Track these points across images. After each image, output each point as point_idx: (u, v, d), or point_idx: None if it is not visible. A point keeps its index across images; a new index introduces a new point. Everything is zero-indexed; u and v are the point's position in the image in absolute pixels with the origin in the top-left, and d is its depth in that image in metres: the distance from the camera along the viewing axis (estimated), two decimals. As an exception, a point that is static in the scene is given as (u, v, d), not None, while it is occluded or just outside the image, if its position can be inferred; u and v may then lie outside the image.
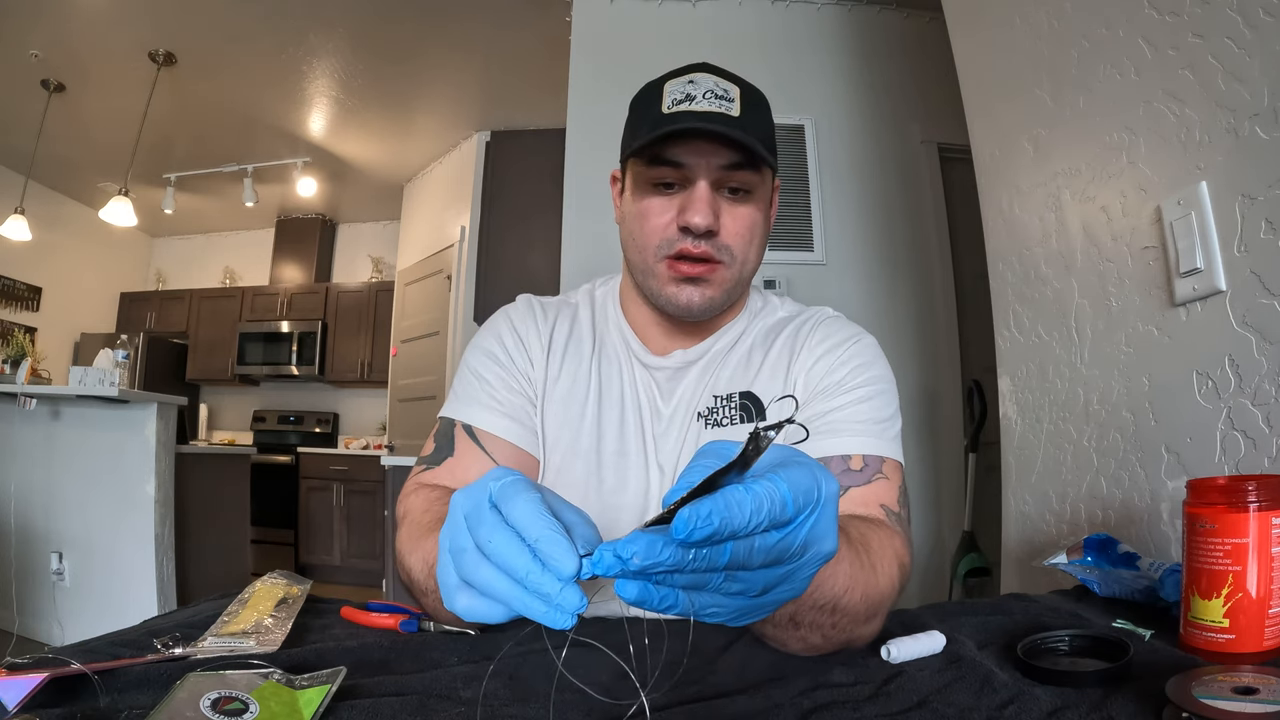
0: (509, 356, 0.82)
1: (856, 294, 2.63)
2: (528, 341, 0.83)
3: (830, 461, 0.70)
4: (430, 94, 3.91)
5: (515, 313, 0.86)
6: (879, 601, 0.56)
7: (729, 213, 0.72)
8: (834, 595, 0.51)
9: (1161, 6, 1.00)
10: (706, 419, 0.78)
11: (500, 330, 0.84)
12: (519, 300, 0.89)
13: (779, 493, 0.32)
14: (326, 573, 4.95)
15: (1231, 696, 0.42)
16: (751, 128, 0.70)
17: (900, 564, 0.61)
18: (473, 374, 0.82)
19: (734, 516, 0.31)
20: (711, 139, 0.69)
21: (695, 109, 0.69)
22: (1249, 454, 0.88)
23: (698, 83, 0.71)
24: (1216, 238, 0.92)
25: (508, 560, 0.34)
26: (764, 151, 0.69)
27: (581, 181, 2.66)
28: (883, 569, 0.57)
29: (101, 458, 2.89)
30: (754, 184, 0.73)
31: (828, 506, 0.36)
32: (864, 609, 0.55)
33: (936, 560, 2.53)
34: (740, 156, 0.70)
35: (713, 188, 0.71)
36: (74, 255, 5.31)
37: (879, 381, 0.76)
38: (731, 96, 0.71)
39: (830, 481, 0.36)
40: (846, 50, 2.81)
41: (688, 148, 0.70)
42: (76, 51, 3.45)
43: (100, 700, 0.45)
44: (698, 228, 0.70)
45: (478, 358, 0.83)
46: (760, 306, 0.86)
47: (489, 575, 0.35)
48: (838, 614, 0.53)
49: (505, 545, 0.34)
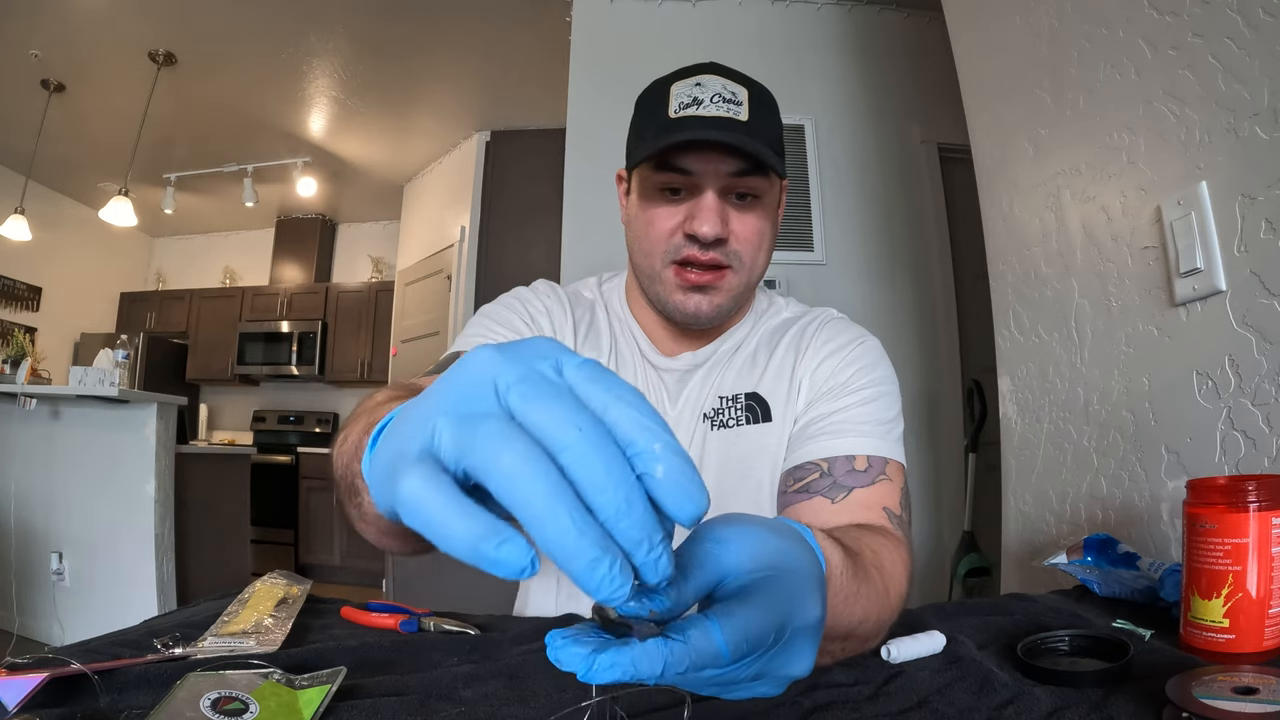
0: (531, 318, 0.80)
1: (856, 294, 2.62)
2: (555, 318, 0.82)
3: (835, 462, 0.70)
4: (430, 94, 3.91)
5: (541, 289, 0.85)
6: (890, 621, 0.57)
7: (737, 219, 0.72)
8: (849, 627, 0.50)
9: (1161, 6, 1.00)
10: (713, 420, 0.78)
11: (525, 296, 0.83)
12: (539, 282, 0.87)
13: (710, 645, 0.29)
14: (326, 573, 4.94)
15: (1231, 696, 0.42)
16: (760, 132, 0.69)
17: (908, 575, 0.61)
18: (487, 317, 0.80)
19: (641, 671, 0.27)
20: (720, 149, 0.68)
21: (703, 114, 0.68)
22: (1249, 454, 0.88)
23: (705, 85, 0.70)
24: (1216, 238, 0.92)
25: (594, 473, 0.22)
26: (773, 157, 0.69)
27: (581, 181, 2.66)
28: (895, 588, 0.56)
29: (101, 458, 2.89)
30: (763, 189, 0.72)
31: (796, 639, 0.32)
32: (875, 631, 0.55)
33: (936, 560, 2.53)
34: (749, 164, 0.69)
35: (720, 194, 0.70)
36: (74, 255, 5.31)
37: (883, 383, 0.76)
38: (740, 100, 0.69)
39: (809, 610, 0.33)
40: (846, 50, 2.81)
41: (696, 155, 0.69)
42: (76, 51, 3.44)
43: (100, 700, 0.45)
44: (706, 237, 0.70)
45: (496, 309, 0.81)
46: (765, 307, 0.86)
47: (525, 472, 0.22)
48: (850, 640, 0.52)
49: (598, 446, 0.23)
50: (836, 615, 0.47)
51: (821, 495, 0.69)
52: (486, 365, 0.25)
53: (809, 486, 0.70)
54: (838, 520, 0.66)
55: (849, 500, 0.68)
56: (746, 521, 0.36)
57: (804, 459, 0.72)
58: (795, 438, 0.75)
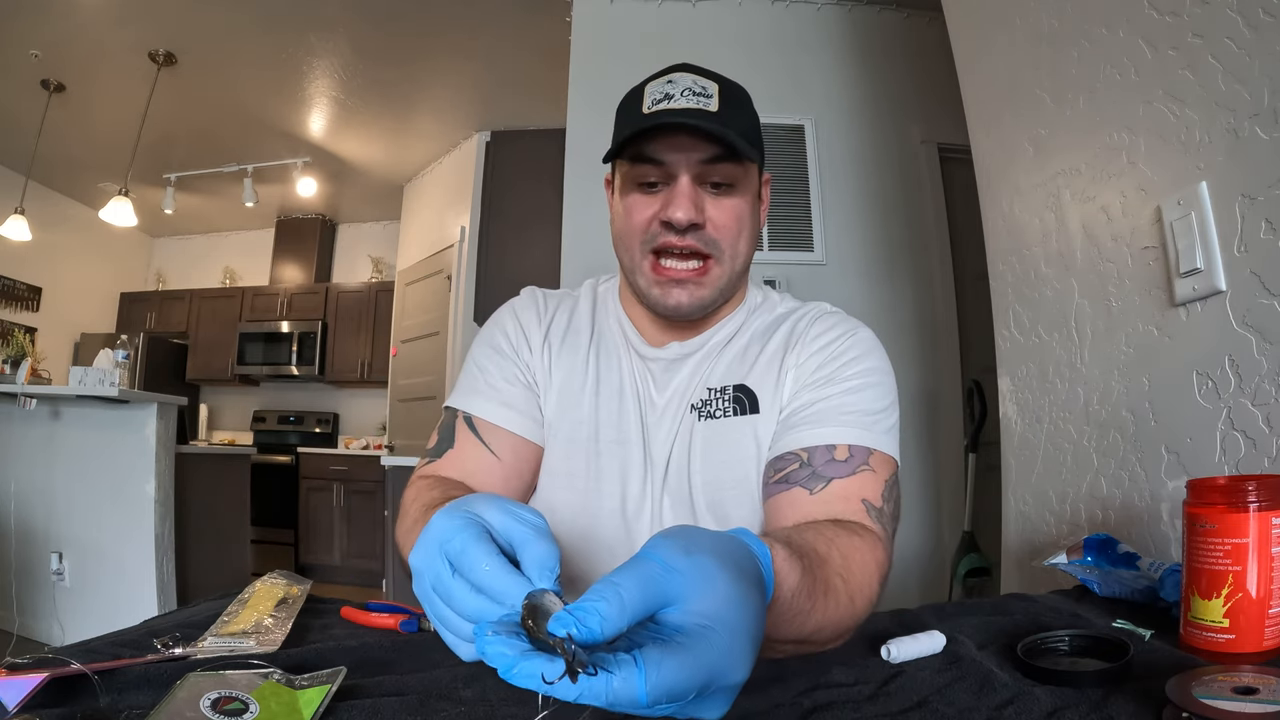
0: (511, 347, 0.83)
1: (856, 294, 2.62)
2: (529, 330, 0.84)
3: (815, 452, 0.70)
4: (430, 94, 3.91)
5: (519, 304, 0.88)
6: (853, 625, 0.57)
7: (713, 205, 0.73)
8: (801, 635, 0.51)
9: (1161, 7, 1.00)
10: (700, 411, 0.78)
11: (504, 321, 0.86)
12: (523, 291, 0.90)
13: (630, 691, 0.32)
14: (326, 573, 4.94)
15: (1231, 696, 0.42)
16: (731, 122, 0.70)
17: (881, 576, 0.61)
18: (476, 365, 0.83)
19: (556, 691, 0.32)
20: (690, 133, 0.69)
21: (673, 107, 0.70)
22: (1249, 454, 0.88)
23: (676, 82, 0.72)
24: (1216, 238, 0.92)
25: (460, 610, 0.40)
26: (743, 144, 0.69)
27: (581, 181, 2.66)
28: (862, 595, 0.57)
29: (101, 458, 2.89)
30: (737, 177, 0.73)
31: (715, 695, 0.35)
32: (834, 636, 0.56)
33: (936, 560, 2.53)
34: (719, 149, 0.70)
35: (695, 182, 0.72)
36: (74, 255, 5.31)
37: (873, 374, 0.75)
38: (710, 93, 0.71)
39: (736, 673, 0.35)
40: (846, 50, 2.81)
41: (666, 144, 0.70)
42: (76, 51, 3.44)
43: (100, 700, 0.45)
44: (680, 222, 0.71)
45: (482, 349, 0.84)
46: (760, 302, 0.86)
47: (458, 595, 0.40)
48: (806, 644, 0.54)
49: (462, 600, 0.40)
50: (785, 630, 0.49)
51: (800, 485, 0.68)
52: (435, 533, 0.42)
53: (788, 477, 0.70)
54: (815, 511, 0.66)
55: (827, 491, 0.67)
56: (701, 550, 0.38)
57: (785, 448, 0.72)
58: (780, 427, 0.75)
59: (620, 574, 0.35)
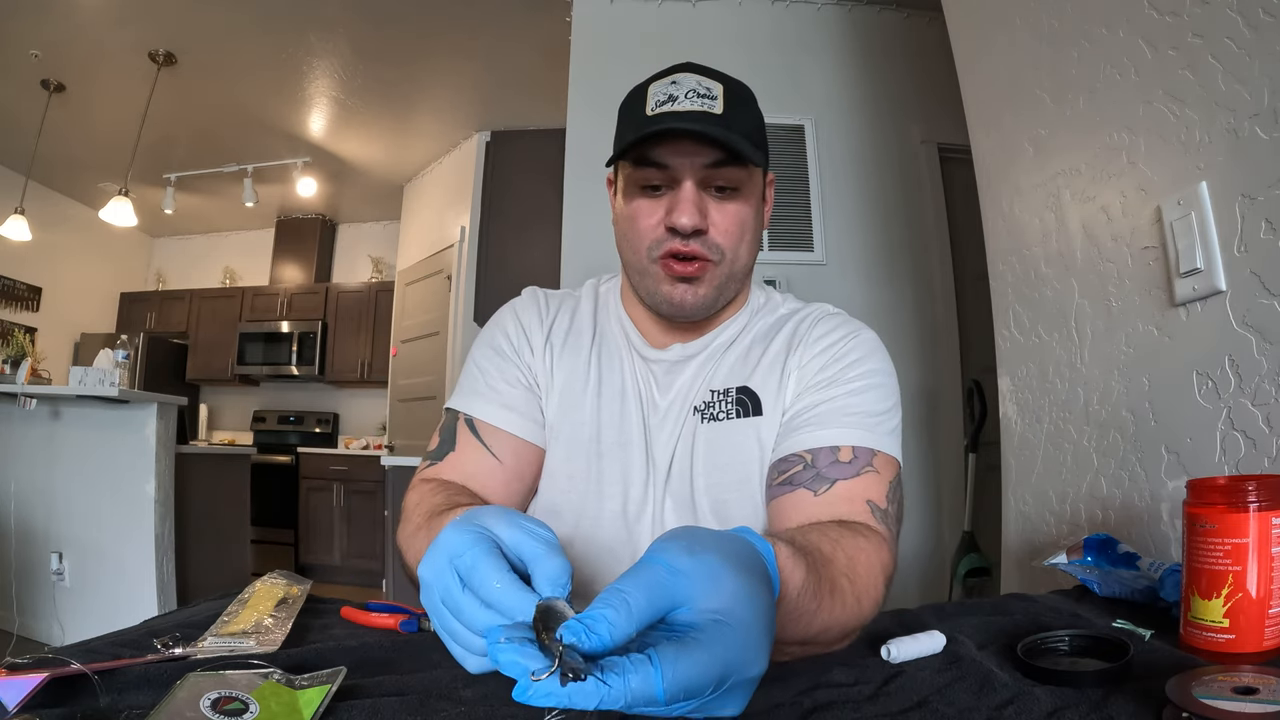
0: (512, 348, 0.83)
1: (856, 294, 2.62)
2: (530, 331, 0.84)
3: (819, 453, 0.70)
4: (430, 94, 3.91)
5: (520, 304, 0.87)
6: (859, 625, 0.57)
7: (717, 210, 0.72)
8: (807, 636, 0.51)
9: (1161, 7, 1.00)
10: (703, 413, 0.78)
11: (505, 322, 0.85)
12: (524, 292, 0.89)
13: (648, 690, 0.32)
14: (326, 573, 4.94)
15: (1231, 696, 0.42)
16: (735, 124, 0.70)
17: (886, 577, 0.61)
18: (476, 367, 0.83)
19: (576, 704, 0.31)
20: (694, 138, 0.69)
21: (678, 109, 0.69)
22: (1249, 454, 0.88)
23: (680, 83, 0.71)
24: (1216, 238, 0.92)
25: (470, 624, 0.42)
26: (748, 148, 0.69)
27: (582, 181, 2.66)
28: (868, 595, 0.57)
29: (101, 458, 2.89)
30: (741, 180, 0.73)
31: (734, 689, 0.35)
32: (839, 636, 0.56)
33: (936, 560, 2.53)
34: (723, 154, 0.70)
35: (699, 186, 0.71)
36: (74, 255, 5.31)
37: (875, 375, 0.75)
38: (714, 94, 0.71)
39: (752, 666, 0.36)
40: (846, 50, 2.81)
41: (671, 148, 0.70)
42: (76, 51, 3.44)
43: (100, 700, 0.45)
44: (684, 228, 0.70)
45: (482, 350, 0.84)
46: (763, 303, 0.86)
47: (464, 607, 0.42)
48: (812, 645, 0.54)
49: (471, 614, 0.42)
50: (792, 630, 0.48)
51: (804, 487, 0.68)
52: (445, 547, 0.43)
53: (792, 479, 0.70)
54: (819, 513, 0.66)
55: (831, 493, 0.67)
56: (706, 549, 0.38)
57: (789, 450, 0.72)
58: (783, 429, 0.75)
59: (626, 580, 0.35)
